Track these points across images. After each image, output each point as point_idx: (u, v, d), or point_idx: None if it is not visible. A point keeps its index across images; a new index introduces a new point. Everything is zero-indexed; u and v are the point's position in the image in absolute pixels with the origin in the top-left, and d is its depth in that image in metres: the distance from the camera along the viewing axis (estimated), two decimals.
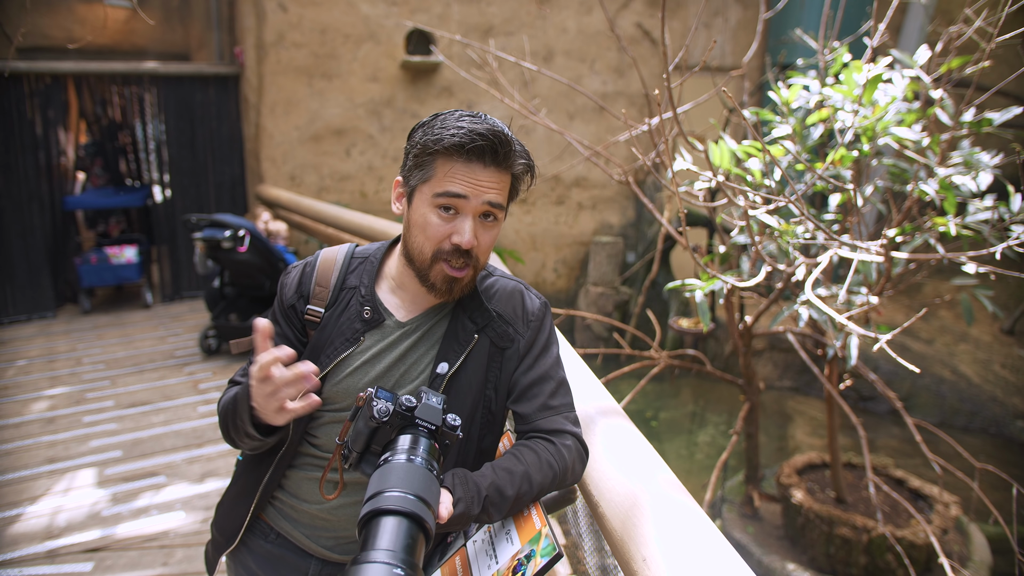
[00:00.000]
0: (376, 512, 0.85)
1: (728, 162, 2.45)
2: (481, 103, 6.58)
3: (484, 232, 1.11)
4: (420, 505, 0.86)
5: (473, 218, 1.09)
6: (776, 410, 5.56)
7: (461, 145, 1.05)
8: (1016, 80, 2.25)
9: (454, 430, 0.99)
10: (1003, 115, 2.38)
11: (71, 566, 2.59)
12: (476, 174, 1.07)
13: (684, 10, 7.11)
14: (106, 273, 6.07)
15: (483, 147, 1.06)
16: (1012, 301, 6.10)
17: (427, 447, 0.95)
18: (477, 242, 1.10)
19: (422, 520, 0.85)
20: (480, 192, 1.08)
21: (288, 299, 1.22)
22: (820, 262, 2.25)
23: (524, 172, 1.14)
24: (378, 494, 0.87)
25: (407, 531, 0.83)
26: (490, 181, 1.08)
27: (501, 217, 1.13)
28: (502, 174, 1.09)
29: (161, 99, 6.02)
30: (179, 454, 3.47)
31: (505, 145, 1.07)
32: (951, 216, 2.36)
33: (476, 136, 1.05)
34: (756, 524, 3.60)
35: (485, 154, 1.06)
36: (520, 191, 1.16)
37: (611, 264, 6.85)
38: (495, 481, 1.02)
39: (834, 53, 2.72)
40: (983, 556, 3.34)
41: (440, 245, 1.10)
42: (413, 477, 0.89)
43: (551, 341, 1.22)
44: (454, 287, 1.13)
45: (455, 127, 1.06)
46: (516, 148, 1.11)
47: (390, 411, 0.97)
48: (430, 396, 1.01)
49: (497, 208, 1.10)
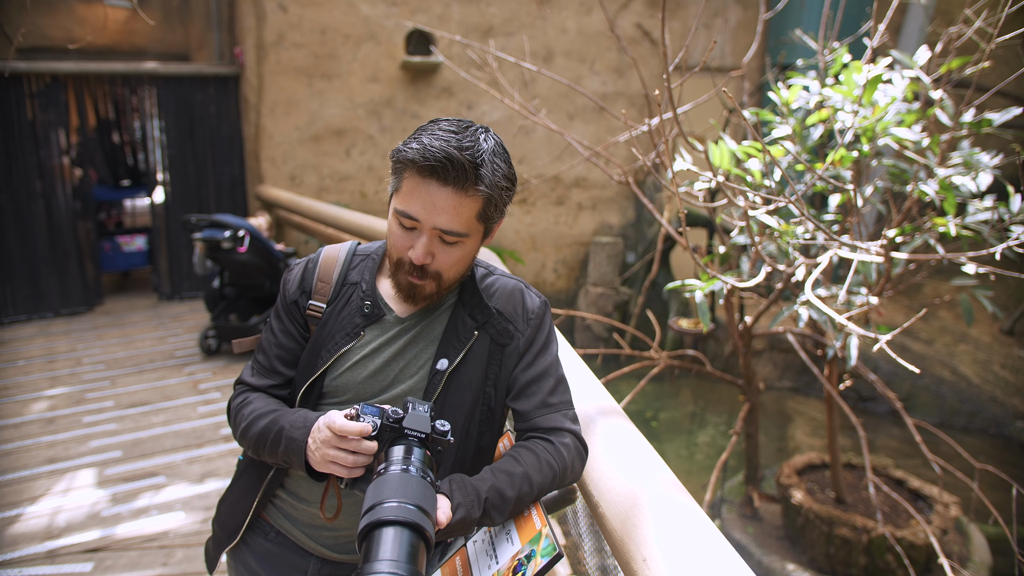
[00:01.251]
0: (375, 524, 0.85)
1: (728, 162, 2.45)
2: (481, 103, 6.58)
3: (444, 250, 1.09)
4: (418, 514, 0.86)
5: (429, 237, 1.07)
6: (776, 410, 5.56)
7: (413, 161, 1.04)
8: (1016, 81, 2.25)
9: (444, 435, 0.99)
10: (1003, 116, 2.38)
11: (71, 566, 2.59)
12: (432, 194, 1.04)
13: (684, 10, 7.11)
14: (119, 259, 6.68)
15: (436, 168, 1.02)
16: (1012, 302, 6.10)
17: (420, 456, 0.96)
18: (433, 260, 1.08)
19: (421, 528, 0.85)
20: (431, 215, 1.05)
21: (291, 295, 1.23)
22: (820, 262, 2.25)
23: (495, 198, 1.08)
24: (376, 506, 0.86)
25: (408, 540, 0.83)
26: (445, 204, 1.04)
27: (467, 240, 1.09)
28: (461, 197, 1.04)
29: (161, 99, 6.02)
30: (179, 454, 3.47)
31: (461, 169, 1.02)
32: (951, 216, 2.36)
33: (429, 155, 1.01)
34: (756, 524, 3.60)
35: (441, 174, 1.02)
36: (499, 211, 1.12)
37: (611, 264, 6.85)
38: (495, 484, 1.03)
39: (834, 54, 2.72)
40: (983, 556, 3.34)
41: (400, 255, 1.10)
42: (409, 487, 0.89)
43: (550, 339, 1.23)
44: (415, 293, 1.12)
45: (421, 142, 1.03)
46: (483, 172, 1.04)
47: (378, 426, 0.97)
48: (416, 405, 1.01)
49: (451, 234, 1.06)
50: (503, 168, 1.08)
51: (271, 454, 1.11)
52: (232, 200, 6.42)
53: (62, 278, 5.90)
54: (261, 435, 1.12)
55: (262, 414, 1.14)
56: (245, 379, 1.24)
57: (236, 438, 1.19)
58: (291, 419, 1.10)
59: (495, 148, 1.07)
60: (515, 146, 6.78)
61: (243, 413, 1.17)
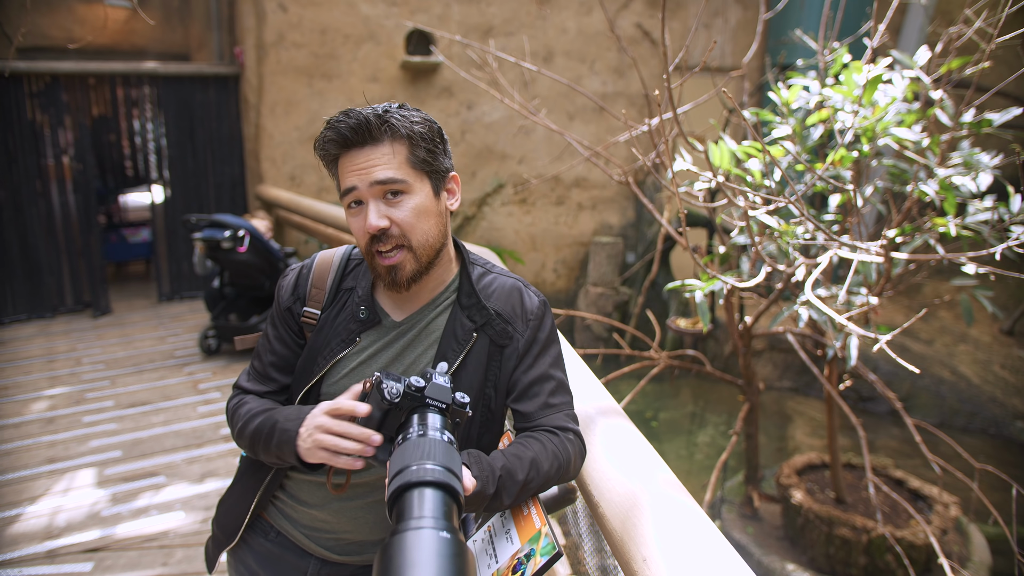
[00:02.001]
0: (406, 486, 0.83)
1: (728, 162, 2.45)
2: (481, 103, 6.58)
3: (395, 209, 1.08)
4: (448, 475, 0.85)
5: (375, 201, 1.07)
6: (776, 410, 5.56)
7: (327, 143, 1.08)
8: (1016, 81, 2.25)
9: (464, 407, 0.99)
10: (1003, 116, 2.38)
11: (71, 566, 2.59)
12: (355, 161, 1.07)
13: (684, 11, 7.11)
14: (123, 250, 7.21)
15: (346, 133, 1.06)
16: (1012, 302, 6.10)
17: (442, 422, 0.95)
18: (389, 222, 1.07)
19: (453, 489, 0.84)
20: (364, 175, 1.06)
21: (284, 302, 1.22)
22: (820, 263, 2.25)
23: (414, 133, 1.08)
24: (404, 469, 0.85)
25: (442, 500, 0.82)
26: (369, 160, 1.06)
27: (411, 189, 1.08)
28: (382, 147, 1.07)
29: (161, 99, 6.02)
30: (179, 454, 3.47)
31: (365, 121, 1.05)
32: (951, 217, 2.36)
33: (333, 128, 1.06)
34: (756, 524, 3.60)
35: (353, 138, 1.06)
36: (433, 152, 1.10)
37: (611, 264, 6.85)
38: (507, 464, 1.03)
39: (834, 54, 2.72)
40: (983, 556, 3.34)
41: (364, 240, 1.10)
42: (436, 449, 0.88)
43: (551, 339, 1.22)
44: (397, 275, 1.10)
45: (327, 123, 1.08)
46: (389, 117, 1.06)
47: (401, 392, 0.95)
48: (437, 376, 1.00)
49: (393, 182, 1.06)
50: (414, 116, 1.09)
51: (265, 450, 1.11)
52: (232, 200, 6.42)
53: (60, 278, 5.91)
54: (256, 432, 1.12)
55: (257, 412, 1.14)
56: (241, 384, 1.24)
57: (235, 439, 1.19)
58: (285, 413, 1.10)
59: (402, 105, 1.10)
60: (515, 146, 6.78)
61: (239, 413, 1.17)
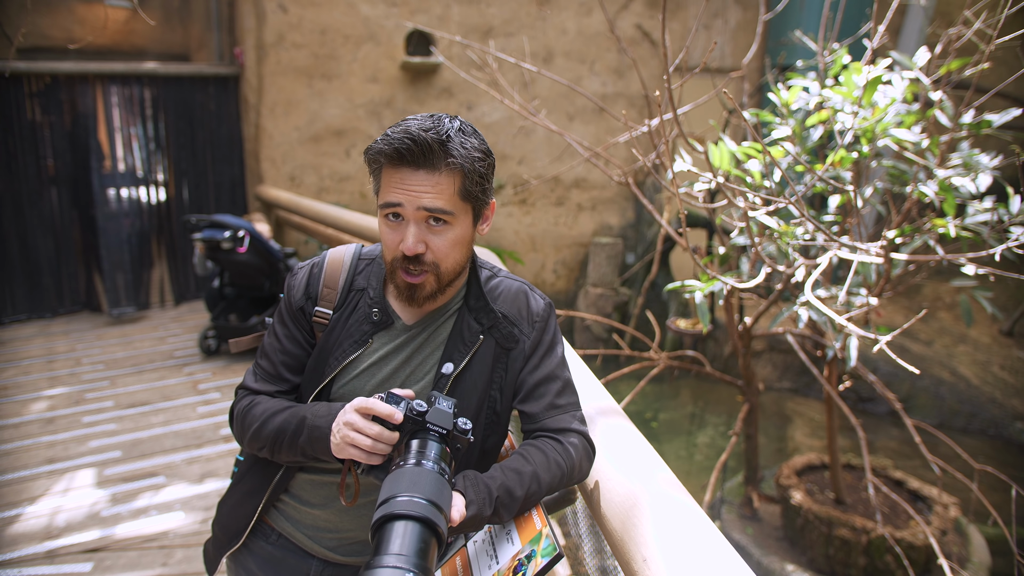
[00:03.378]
0: (388, 517, 0.85)
1: (728, 163, 2.45)
2: (481, 104, 6.58)
3: (435, 236, 1.07)
4: (432, 509, 0.86)
5: (416, 224, 1.06)
6: (775, 411, 5.56)
7: (382, 152, 1.05)
8: (1015, 82, 2.26)
9: (465, 434, 0.99)
10: (1002, 117, 2.38)
11: (70, 566, 2.58)
12: (407, 180, 1.04)
13: (684, 11, 7.12)
14: None
15: (403, 151, 1.03)
16: (1011, 303, 6.11)
17: (438, 451, 0.95)
18: (426, 248, 1.07)
19: (434, 524, 0.85)
20: (413, 197, 1.04)
21: (296, 301, 1.21)
22: (820, 263, 2.25)
23: (470, 170, 1.06)
24: (390, 499, 0.86)
25: (419, 535, 0.83)
26: (423, 185, 1.04)
27: (457, 220, 1.07)
28: (437, 176, 1.04)
29: (161, 99, 6.03)
30: (178, 454, 3.47)
31: (428, 147, 1.02)
32: (950, 218, 2.36)
33: (396, 141, 1.03)
34: (755, 525, 3.60)
35: (411, 158, 1.03)
36: (484, 189, 1.10)
37: (611, 265, 6.85)
38: (504, 482, 1.02)
39: (833, 55, 2.73)
40: (982, 557, 3.35)
41: (394, 254, 1.09)
42: (424, 481, 0.89)
43: (556, 341, 1.22)
44: (415, 293, 1.10)
45: (386, 134, 1.05)
46: (451, 146, 1.04)
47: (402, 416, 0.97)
48: (440, 400, 1.01)
49: (439, 212, 1.05)
50: (473, 142, 1.07)
51: (290, 447, 1.10)
52: (232, 200, 6.42)
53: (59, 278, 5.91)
54: (279, 430, 1.11)
55: (277, 411, 1.13)
56: (249, 385, 1.22)
57: (244, 440, 1.17)
58: (314, 410, 1.09)
59: (461, 127, 1.08)
60: (515, 147, 6.78)
61: (253, 414, 1.15)
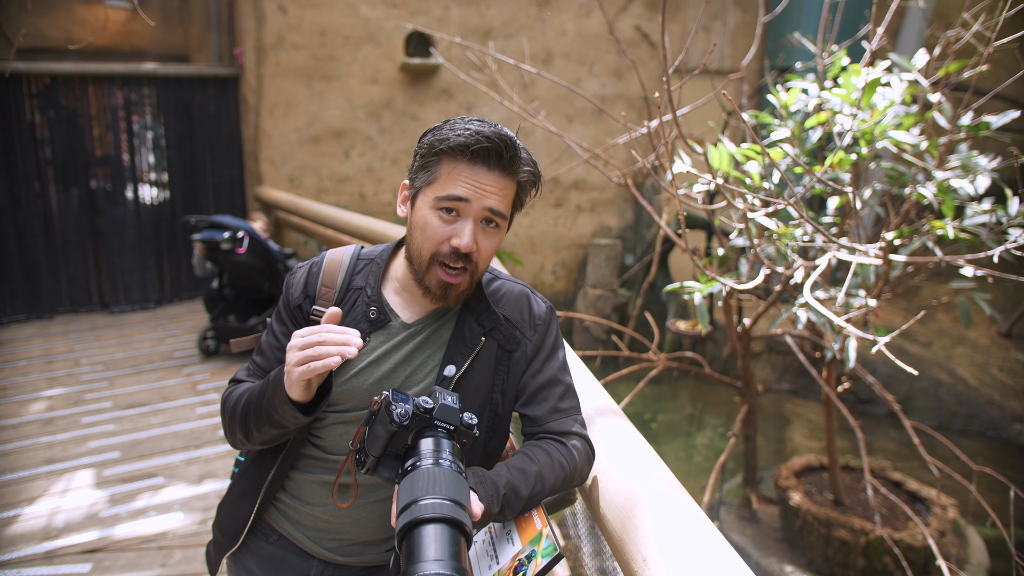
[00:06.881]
0: (416, 522, 0.83)
1: (727, 165, 2.46)
2: (480, 105, 6.59)
3: (485, 238, 1.10)
4: (457, 509, 0.84)
5: (474, 222, 1.08)
6: (774, 412, 5.57)
7: (466, 146, 1.05)
8: (1014, 84, 2.26)
9: (471, 429, 0.98)
10: (1001, 119, 2.39)
11: (69, 567, 2.58)
12: (479, 177, 1.06)
13: (683, 13, 7.13)
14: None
15: (488, 149, 1.05)
16: (1009, 304, 6.12)
17: (450, 448, 0.94)
18: (477, 247, 1.08)
19: (462, 524, 0.84)
20: (482, 196, 1.06)
21: (294, 299, 1.22)
22: (818, 265, 2.26)
23: (529, 181, 1.12)
24: (413, 503, 0.84)
25: (451, 537, 0.81)
26: (493, 186, 1.07)
27: (503, 226, 1.11)
28: (506, 180, 1.08)
29: (160, 100, 6.03)
30: (177, 455, 3.46)
31: (511, 150, 1.07)
32: (949, 219, 2.37)
33: (482, 138, 1.04)
34: (754, 526, 3.60)
35: (490, 157, 1.06)
36: (525, 202, 1.15)
37: (610, 266, 6.86)
38: (511, 480, 1.03)
39: (832, 56, 2.73)
40: (980, 559, 3.35)
41: (439, 247, 1.08)
42: (445, 481, 0.87)
43: (558, 345, 1.23)
44: (449, 293, 1.11)
45: (463, 129, 1.06)
46: (522, 155, 1.10)
47: (410, 414, 0.95)
48: (445, 396, 0.99)
49: (498, 215, 1.08)
50: (529, 158, 1.13)
51: (256, 417, 1.08)
52: (231, 201, 6.42)
53: (58, 279, 5.90)
54: (248, 402, 1.11)
55: (247, 389, 1.14)
56: (240, 378, 1.22)
57: (228, 429, 1.16)
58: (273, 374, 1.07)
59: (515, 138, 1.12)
60: None
61: (231, 398, 1.16)
